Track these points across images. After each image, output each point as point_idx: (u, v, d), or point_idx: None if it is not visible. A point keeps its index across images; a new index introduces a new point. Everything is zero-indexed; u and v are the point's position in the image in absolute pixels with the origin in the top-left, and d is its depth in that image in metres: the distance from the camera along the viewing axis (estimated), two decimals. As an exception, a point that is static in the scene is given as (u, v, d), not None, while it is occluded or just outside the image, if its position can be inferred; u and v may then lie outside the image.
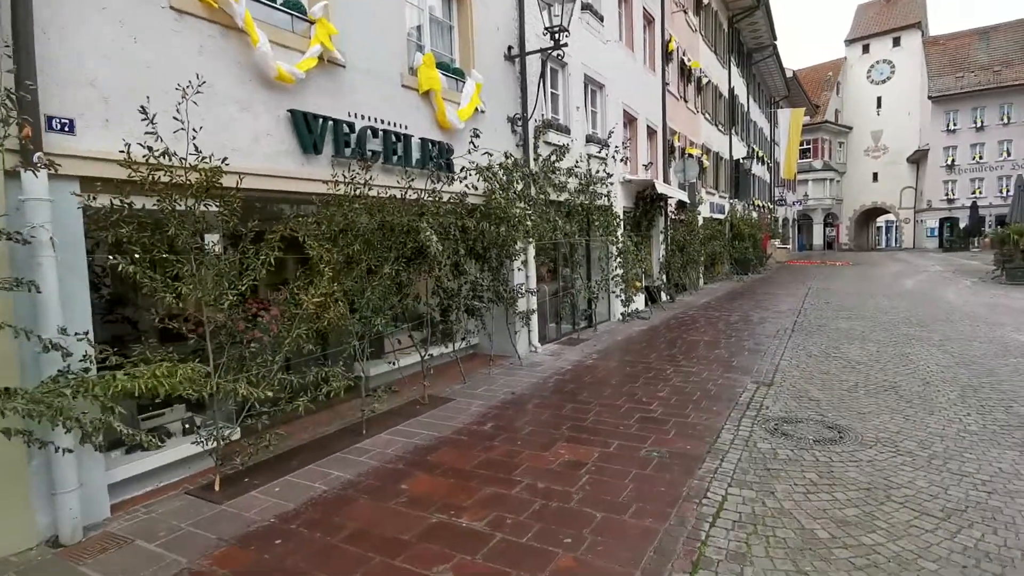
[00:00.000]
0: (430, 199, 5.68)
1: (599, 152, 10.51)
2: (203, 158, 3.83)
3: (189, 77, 3.94)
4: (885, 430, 5.07)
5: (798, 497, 3.81)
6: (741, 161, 24.97)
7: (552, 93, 9.67)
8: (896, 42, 49.58)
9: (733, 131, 24.38)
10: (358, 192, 5.11)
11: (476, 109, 7.17)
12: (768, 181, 34.65)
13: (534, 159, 8.67)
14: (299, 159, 4.95)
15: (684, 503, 3.73)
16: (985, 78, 42.22)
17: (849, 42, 52.10)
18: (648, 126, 13.74)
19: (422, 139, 6.35)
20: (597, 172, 10.23)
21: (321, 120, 5.12)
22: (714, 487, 3.95)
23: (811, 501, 3.75)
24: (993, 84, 41.59)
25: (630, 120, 12.90)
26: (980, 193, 42.18)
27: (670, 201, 14.74)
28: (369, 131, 5.64)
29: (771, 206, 34.52)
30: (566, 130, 9.63)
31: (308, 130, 4.96)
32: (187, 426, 4.34)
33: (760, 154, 31.17)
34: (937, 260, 30.45)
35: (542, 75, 8.84)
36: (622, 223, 11.64)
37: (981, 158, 42.53)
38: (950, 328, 10.18)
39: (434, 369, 7.19)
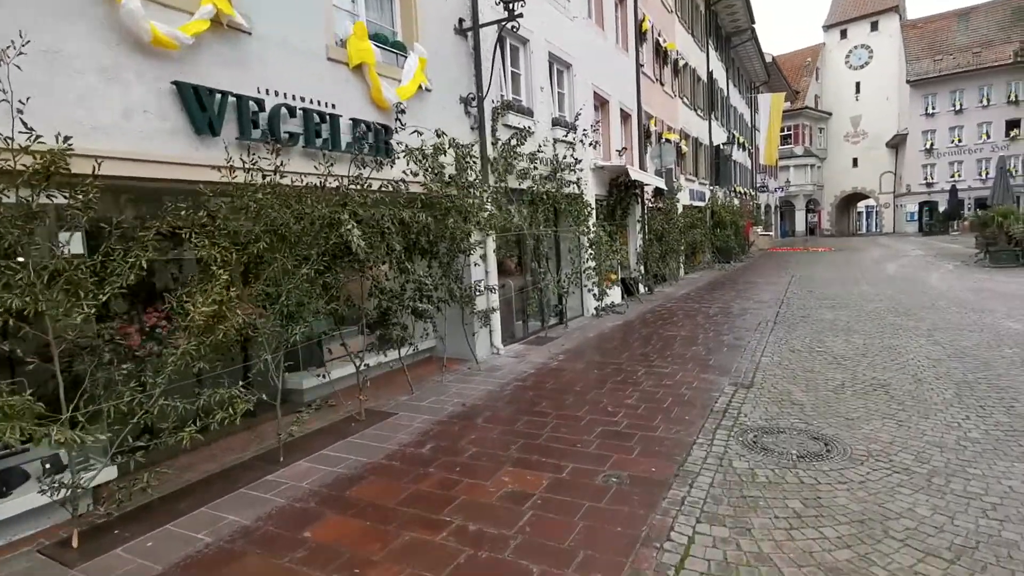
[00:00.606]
0: (357, 187, 4.92)
1: (566, 136, 9.80)
2: (37, 137, 3.06)
3: (28, 38, 3.15)
4: (877, 440, 4.46)
5: (779, 535, 3.17)
6: (721, 147, 24.43)
7: (513, 72, 8.93)
8: (874, 26, 49.34)
9: (712, 116, 23.81)
10: (267, 180, 4.35)
11: (420, 87, 6.42)
12: (750, 168, 34.23)
13: (492, 143, 7.93)
14: (191, 141, 4.17)
15: (642, 548, 3.07)
16: (964, 60, 42.08)
17: (827, 27, 51.75)
18: (622, 109, 13.05)
19: (354, 120, 5.58)
20: (564, 158, 9.52)
21: (220, 96, 4.34)
22: (680, 524, 3.29)
23: (795, 540, 3.11)
24: (972, 66, 41.43)
25: (602, 103, 12.19)
26: (959, 176, 42.17)
27: (646, 188, 14.10)
28: (285, 109, 4.87)
29: (753, 193, 34.13)
30: (528, 112, 8.90)
31: (201, 107, 4.18)
32: (48, 466, 3.58)
33: (741, 140, 30.68)
34: (918, 244, 30.30)
35: (500, 51, 8.10)
36: (594, 212, 10.95)
37: (960, 141, 42.48)
38: (937, 316, 9.68)
39: (380, 378, 6.48)
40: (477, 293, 7.35)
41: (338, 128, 5.35)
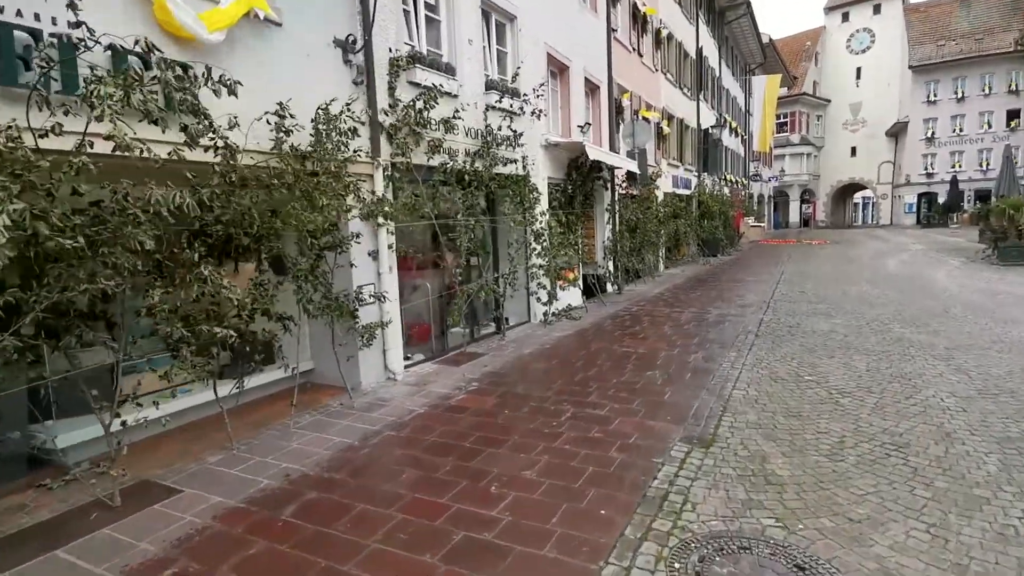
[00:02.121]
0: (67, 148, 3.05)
1: (500, 102, 7.85)
2: None
3: None
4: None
5: None
6: (710, 130, 22.53)
7: (429, 17, 7.02)
8: (876, 9, 47.35)
9: (702, 97, 21.89)
10: None
11: (252, 15, 4.53)
12: (742, 155, 32.36)
13: (389, 105, 6.07)
14: None
15: None
16: (967, 47, 40.29)
17: (828, 10, 49.78)
18: (587, 79, 11.15)
19: (119, 49, 3.70)
20: (499, 129, 7.66)
21: None
22: None
23: None
24: (975, 53, 39.67)
25: (560, 69, 10.29)
26: (960, 167, 40.51)
27: (617, 172, 12.25)
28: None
29: (745, 181, 32.30)
30: (448, 70, 7.00)
31: None
32: None
33: (733, 125, 28.79)
34: (916, 237, 28.64)
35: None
36: (544, 198, 9.13)
37: (961, 131, 40.77)
38: (954, 328, 7.95)
39: (206, 422, 4.69)
40: (358, 303, 5.54)
41: (75, 57, 3.46)
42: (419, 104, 6.16)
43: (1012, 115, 38.38)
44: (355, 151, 5.38)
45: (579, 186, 10.36)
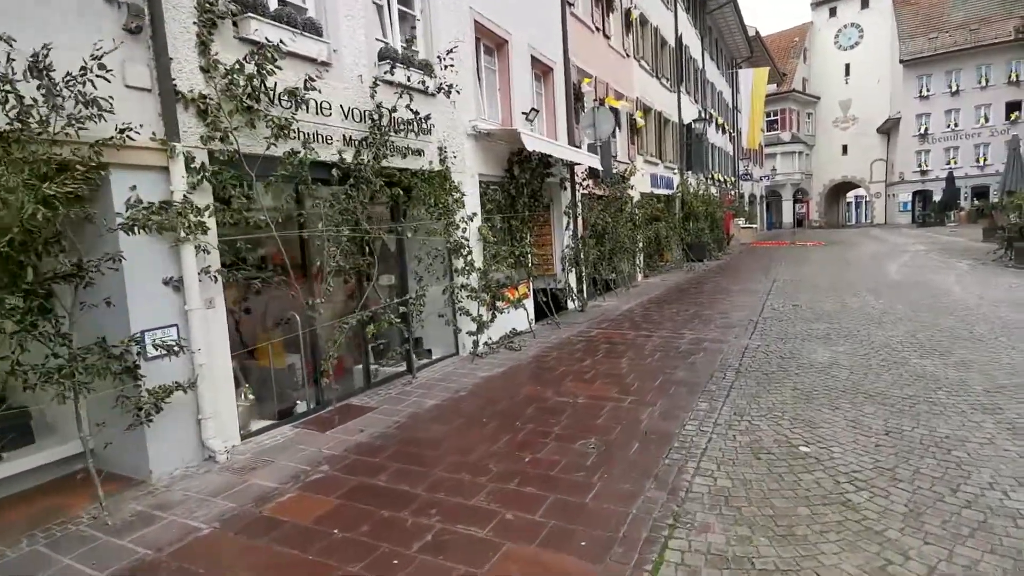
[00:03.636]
0: None
1: (392, 72, 6.01)
2: None
3: None
4: None
5: None
6: (693, 124, 20.81)
7: (285, -43, 5.23)
8: (864, 3, 46.02)
9: (683, 90, 20.19)
10: None
11: None
12: (731, 154, 30.68)
13: (202, 67, 4.26)
14: None
15: None
16: (961, 38, 38.85)
17: (815, 5, 48.42)
18: (535, 58, 9.37)
19: None
20: (394, 111, 5.85)
21: None
22: None
23: None
24: (969, 44, 38.24)
25: (497, 44, 8.50)
26: (955, 163, 39.01)
27: (578, 170, 10.49)
28: None
29: (734, 180, 30.61)
30: (311, 28, 5.18)
31: None
32: None
33: (720, 121, 27.12)
34: (914, 237, 27.03)
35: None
36: (472, 199, 7.31)
37: (956, 125, 39.28)
38: (986, 357, 6.19)
39: None
40: (141, 358, 3.72)
41: None
42: (249, 68, 4.35)
43: (1012, 107, 36.87)
44: (123, 131, 3.57)
45: (524, 185, 8.56)
